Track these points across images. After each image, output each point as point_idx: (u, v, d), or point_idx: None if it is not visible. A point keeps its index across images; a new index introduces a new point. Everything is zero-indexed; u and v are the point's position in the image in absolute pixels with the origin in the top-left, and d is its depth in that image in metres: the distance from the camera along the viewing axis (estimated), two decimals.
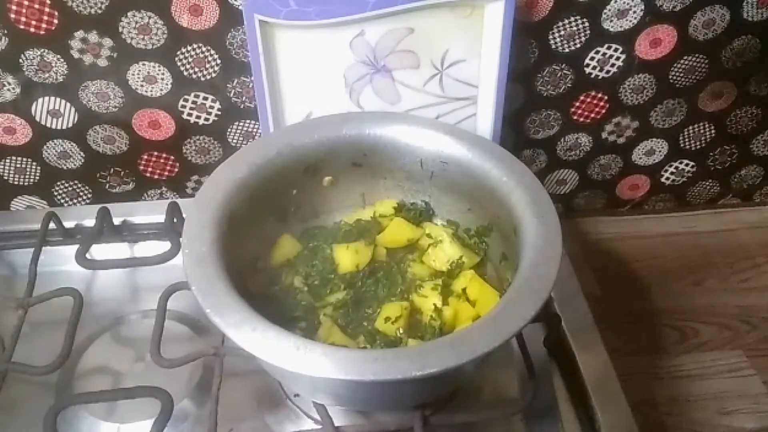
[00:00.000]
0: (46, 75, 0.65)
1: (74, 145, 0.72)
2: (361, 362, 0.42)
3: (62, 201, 0.78)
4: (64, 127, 0.70)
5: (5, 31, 0.62)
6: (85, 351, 0.62)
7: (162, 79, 0.67)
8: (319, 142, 0.60)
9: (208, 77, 0.67)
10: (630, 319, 0.75)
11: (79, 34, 0.62)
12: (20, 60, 0.64)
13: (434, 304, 0.56)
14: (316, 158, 0.60)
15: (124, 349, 0.63)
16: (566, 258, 0.66)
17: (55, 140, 0.71)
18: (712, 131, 0.81)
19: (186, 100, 0.69)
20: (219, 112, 0.71)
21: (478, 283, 0.57)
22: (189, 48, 0.65)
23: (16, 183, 0.75)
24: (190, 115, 0.70)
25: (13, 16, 0.60)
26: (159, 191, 0.78)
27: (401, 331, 0.54)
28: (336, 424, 0.52)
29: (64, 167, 0.74)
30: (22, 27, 0.61)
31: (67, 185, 0.76)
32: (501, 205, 0.55)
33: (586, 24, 0.68)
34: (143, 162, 0.74)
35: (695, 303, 0.78)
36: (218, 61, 0.66)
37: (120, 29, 0.62)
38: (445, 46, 0.65)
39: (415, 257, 0.61)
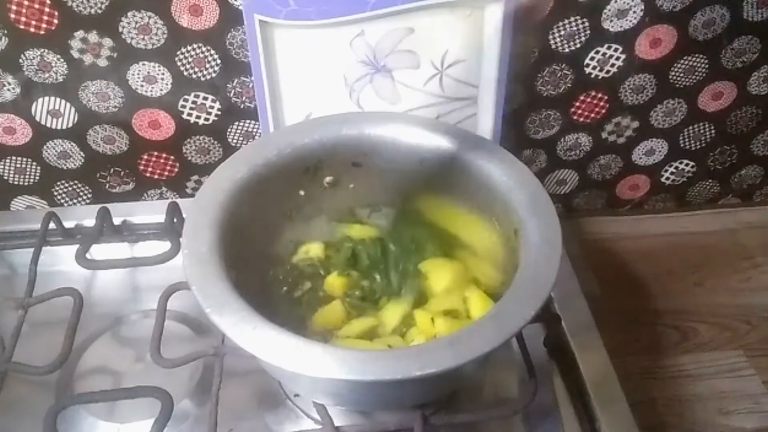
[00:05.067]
0: (46, 75, 0.65)
1: (74, 145, 0.72)
2: (360, 362, 0.42)
3: (62, 201, 0.78)
4: (64, 127, 0.70)
5: (5, 31, 0.62)
6: (85, 351, 0.62)
7: (162, 79, 0.67)
8: (319, 142, 0.60)
9: (208, 77, 0.67)
10: (630, 319, 0.75)
11: (79, 34, 0.62)
12: (20, 60, 0.64)
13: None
14: (317, 158, 0.60)
15: (124, 349, 0.63)
16: (566, 258, 0.66)
17: (55, 140, 0.71)
18: (712, 131, 0.81)
19: (186, 100, 0.69)
20: (219, 112, 0.71)
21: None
22: (189, 48, 0.65)
23: (16, 183, 0.75)
24: (190, 115, 0.70)
25: (13, 16, 0.60)
26: (159, 191, 0.78)
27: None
28: (336, 424, 0.52)
29: (64, 167, 0.74)
30: (22, 27, 0.61)
31: (67, 185, 0.76)
32: (501, 205, 0.55)
33: (586, 24, 0.68)
34: (143, 162, 0.74)
35: (695, 303, 0.78)
36: (218, 61, 0.66)
37: (120, 29, 0.62)
38: (445, 46, 0.65)
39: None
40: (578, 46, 0.70)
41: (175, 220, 0.68)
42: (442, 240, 0.60)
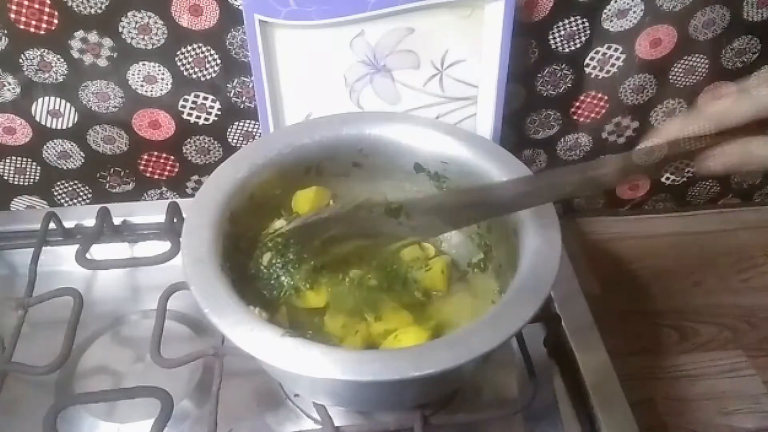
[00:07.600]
0: (46, 75, 0.65)
1: (74, 145, 0.72)
2: (359, 362, 0.42)
3: (62, 201, 0.78)
4: (64, 127, 0.70)
5: (5, 31, 0.62)
6: (85, 351, 0.62)
7: (162, 79, 0.67)
8: (319, 142, 0.60)
9: (208, 77, 0.67)
10: (630, 319, 0.75)
11: (79, 34, 0.62)
12: (20, 60, 0.64)
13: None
14: (317, 158, 0.60)
15: (124, 349, 0.63)
16: (566, 258, 0.66)
17: (55, 140, 0.71)
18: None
19: (186, 100, 0.69)
20: (219, 112, 0.71)
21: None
22: (189, 48, 0.65)
23: (16, 183, 0.75)
24: (190, 115, 0.70)
25: (13, 16, 0.60)
26: (159, 191, 0.78)
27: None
28: (336, 424, 0.52)
29: (64, 167, 0.74)
30: (22, 27, 0.61)
31: (67, 185, 0.76)
32: None
33: (586, 24, 0.68)
34: (143, 162, 0.74)
35: (695, 303, 0.78)
36: (218, 61, 0.66)
37: (120, 29, 0.63)
38: (445, 46, 0.65)
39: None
40: (578, 46, 0.70)
41: (175, 220, 0.68)
42: None
